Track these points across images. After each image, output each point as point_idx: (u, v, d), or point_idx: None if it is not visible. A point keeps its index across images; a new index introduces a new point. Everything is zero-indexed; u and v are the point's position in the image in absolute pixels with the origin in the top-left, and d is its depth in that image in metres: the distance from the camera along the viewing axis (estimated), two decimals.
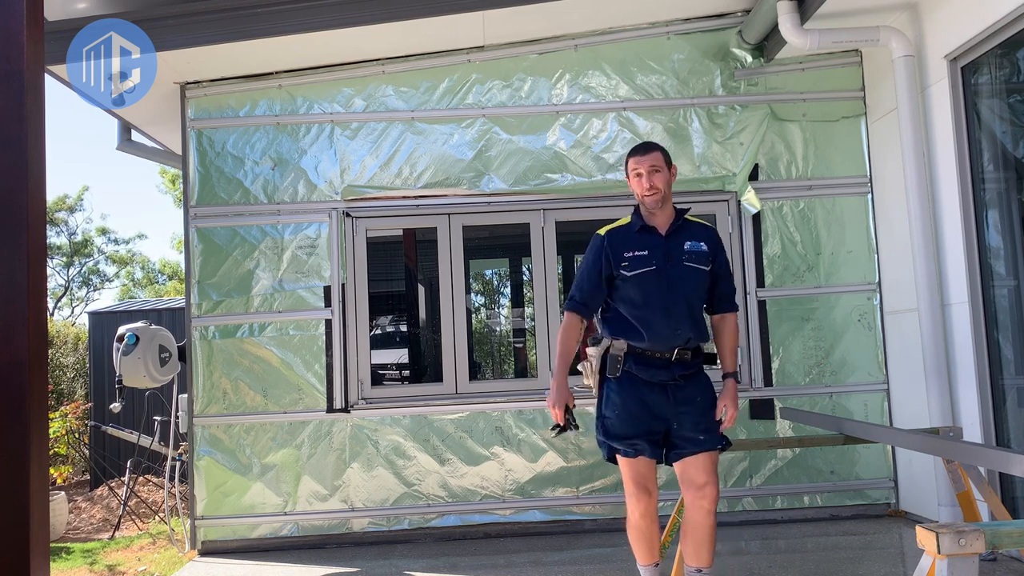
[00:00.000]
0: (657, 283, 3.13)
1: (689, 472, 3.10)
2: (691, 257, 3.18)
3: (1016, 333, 4.03)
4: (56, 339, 11.37)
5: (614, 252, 3.19)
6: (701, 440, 3.10)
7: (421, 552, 4.75)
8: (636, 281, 3.14)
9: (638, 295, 3.15)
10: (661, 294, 3.12)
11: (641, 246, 3.17)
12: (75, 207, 23.23)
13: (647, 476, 3.16)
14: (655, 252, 3.16)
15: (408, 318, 8.12)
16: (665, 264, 3.15)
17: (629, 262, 3.16)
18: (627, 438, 3.11)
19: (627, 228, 3.26)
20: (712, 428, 3.14)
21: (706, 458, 3.09)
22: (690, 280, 3.17)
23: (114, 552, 6.22)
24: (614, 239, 3.22)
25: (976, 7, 3.96)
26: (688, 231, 3.24)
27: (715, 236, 3.29)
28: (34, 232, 1.18)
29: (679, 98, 5.18)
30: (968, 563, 1.73)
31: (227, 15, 4.61)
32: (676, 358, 3.12)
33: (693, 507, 3.10)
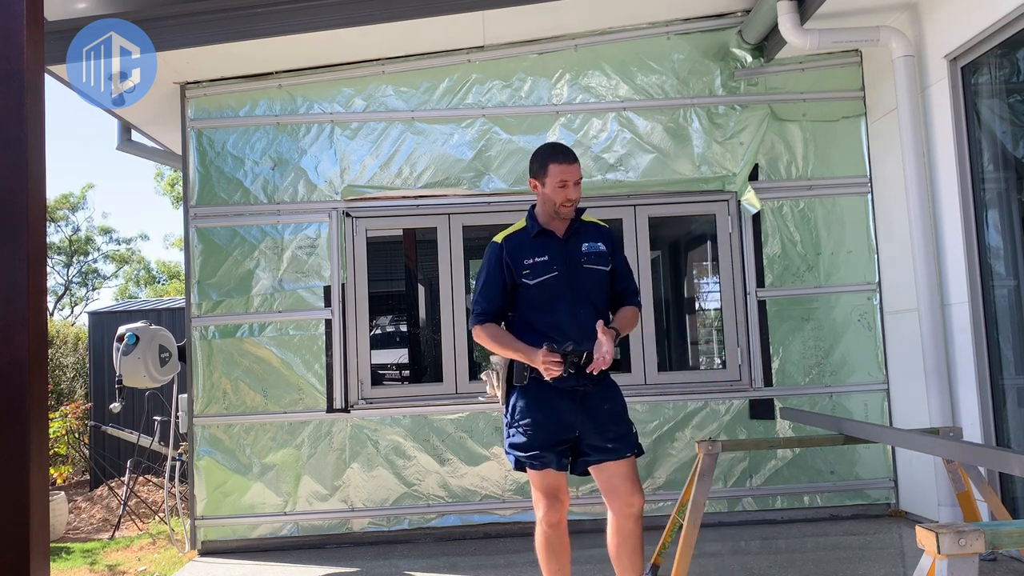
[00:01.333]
0: (560, 288, 3.06)
1: (612, 481, 3.01)
2: (590, 259, 3.12)
3: (1016, 333, 4.03)
4: (56, 339, 11.37)
5: (513, 260, 3.09)
6: (609, 448, 3.01)
7: (421, 552, 4.75)
8: (539, 288, 3.06)
9: (543, 303, 3.07)
10: (566, 299, 3.05)
11: (540, 251, 3.09)
12: (78, 205, 23.24)
13: (557, 486, 3.05)
14: (555, 257, 3.08)
15: (408, 318, 8.12)
16: (566, 268, 3.08)
17: (531, 269, 3.07)
18: (533, 450, 3.01)
19: (524, 233, 3.16)
20: (622, 436, 3.04)
21: (625, 465, 3.01)
22: (591, 281, 3.11)
23: (114, 552, 6.22)
24: (512, 246, 3.12)
25: (976, 7, 3.96)
26: (585, 232, 3.18)
27: (611, 236, 3.24)
28: (34, 232, 1.18)
29: (679, 98, 5.18)
30: (968, 563, 1.73)
31: (227, 15, 4.61)
32: (584, 362, 3.01)
33: (622, 515, 2.99)
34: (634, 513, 2.98)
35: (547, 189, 3.09)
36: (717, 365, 7.19)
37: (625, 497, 2.99)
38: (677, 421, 5.03)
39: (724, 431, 5.02)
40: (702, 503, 3.41)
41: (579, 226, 3.19)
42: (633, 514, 2.99)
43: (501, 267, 3.11)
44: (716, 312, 6.17)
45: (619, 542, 3.02)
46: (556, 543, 3.07)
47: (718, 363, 6.92)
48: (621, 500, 2.99)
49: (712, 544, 4.46)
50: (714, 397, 5.05)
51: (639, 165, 5.13)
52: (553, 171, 3.07)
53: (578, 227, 3.18)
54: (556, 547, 3.08)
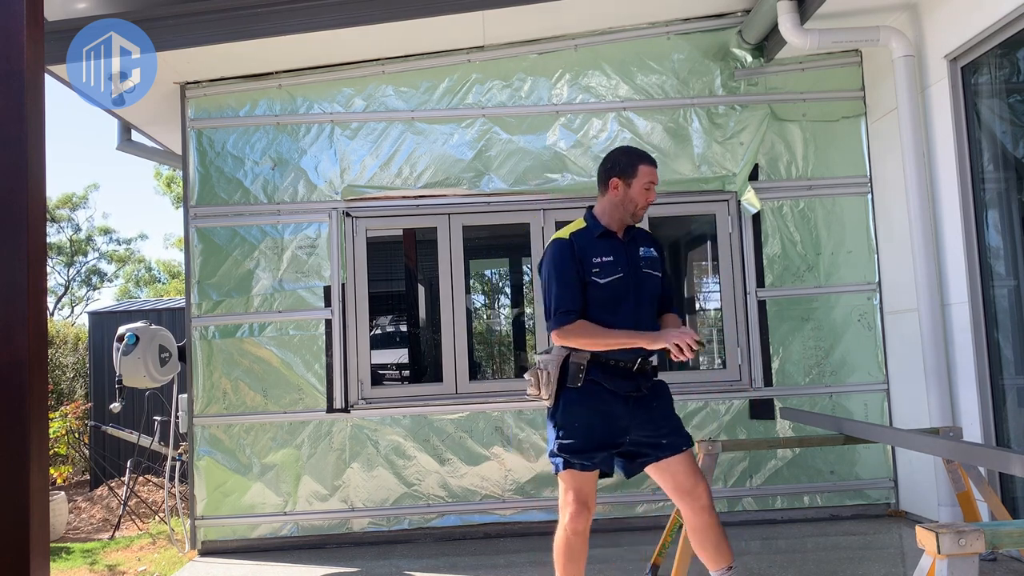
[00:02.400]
0: (625, 290, 3.03)
1: (676, 478, 2.98)
2: (647, 263, 3.11)
3: (1016, 333, 4.03)
4: (56, 339, 11.37)
5: (584, 257, 3.02)
6: (665, 444, 2.99)
7: (421, 552, 4.75)
8: (608, 289, 3.01)
9: (607, 304, 3.01)
10: (629, 301, 3.02)
11: (606, 252, 3.05)
12: (79, 205, 23.25)
13: (590, 492, 3.02)
14: (619, 258, 3.05)
15: (408, 318, 8.12)
16: (629, 271, 3.05)
17: (600, 268, 3.01)
18: (586, 451, 2.96)
19: (588, 232, 3.10)
20: (676, 430, 3.04)
21: (685, 459, 2.99)
22: (649, 287, 3.09)
23: (114, 552, 6.22)
24: (580, 243, 3.05)
25: (976, 7, 3.96)
26: (640, 238, 3.17)
27: (656, 241, 3.24)
28: (34, 232, 1.18)
29: (679, 98, 5.18)
30: (968, 563, 1.73)
31: (227, 15, 4.61)
32: (638, 368, 3.02)
33: (694, 511, 2.97)
34: (705, 506, 2.96)
35: (633, 190, 3.05)
36: (717, 365, 7.19)
37: (692, 491, 2.97)
38: None
39: (724, 431, 5.02)
40: None
41: (635, 232, 3.17)
42: (705, 507, 2.96)
43: (574, 262, 3.02)
44: (716, 312, 6.17)
45: (701, 538, 3.00)
46: (577, 549, 3.05)
47: (718, 363, 6.92)
48: (689, 496, 2.97)
49: None
50: (714, 397, 5.05)
51: None
52: (643, 172, 3.05)
53: (633, 232, 3.16)
54: (576, 553, 3.05)
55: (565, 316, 2.99)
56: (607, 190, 3.10)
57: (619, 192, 3.08)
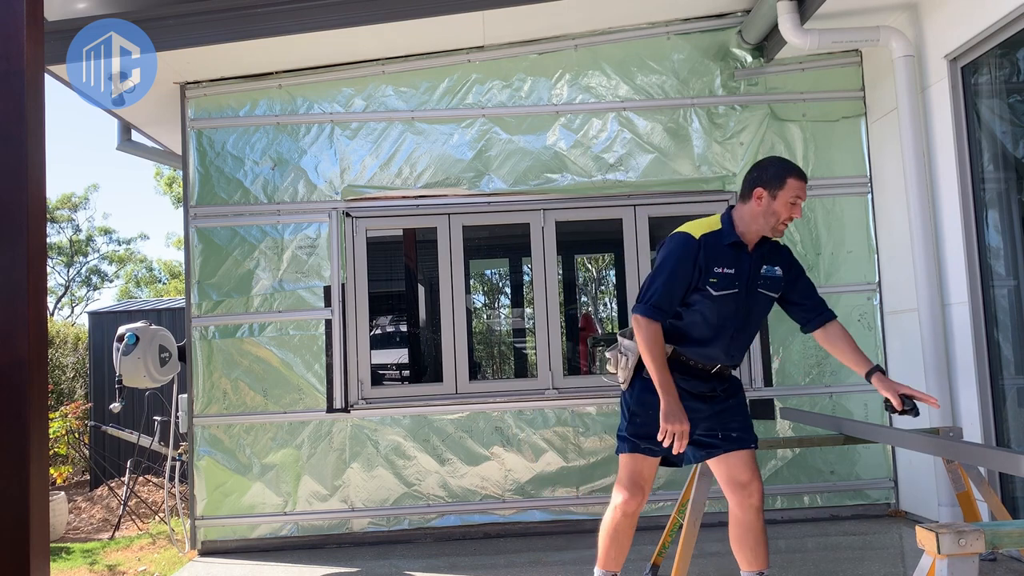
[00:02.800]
0: (735, 307, 2.97)
1: (732, 472, 3.01)
2: (766, 283, 3.02)
3: (1016, 333, 4.03)
4: (56, 339, 11.37)
5: (707, 263, 2.94)
6: (734, 438, 3.02)
7: (421, 552, 4.75)
8: (718, 301, 2.95)
9: (712, 314, 2.97)
10: (735, 319, 2.98)
11: (731, 263, 2.95)
12: (80, 205, 23.25)
13: (649, 477, 3.08)
14: (740, 274, 2.96)
15: (408, 318, 8.12)
16: (745, 289, 2.97)
17: (718, 279, 2.93)
18: (653, 439, 2.99)
19: (719, 237, 2.99)
20: (747, 427, 3.06)
21: (747, 455, 3.01)
22: (760, 308, 3.05)
23: (114, 552, 6.22)
24: (709, 248, 2.96)
25: (976, 7, 3.96)
26: (768, 254, 3.06)
27: (790, 257, 3.12)
28: (34, 232, 1.18)
29: (679, 98, 5.18)
30: (968, 563, 1.73)
31: (227, 15, 4.61)
32: (716, 372, 3.06)
33: (742, 507, 2.99)
34: (755, 504, 2.98)
35: (777, 203, 2.92)
36: None
37: (746, 487, 2.99)
38: None
39: None
40: (702, 503, 3.41)
41: (769, 246, 3.06)
42: (754, 505, 2.98)
43: (693, 266, 2.95)
44: None
45: (741, 534, 3.02)
46: (624, 531, 3.11)
47: None
48: (742, 491, 2.99)
49: (712, 544, 4.46)
50: None
51: (639, 165, 5.13)
52: (791, 185, 2.92)
53: (766, 249, 3.05)
54: (623, 535, 3.12)
55: (651, 310, 2.96)
56: (750, 199, 2.98)
57: (762, 203, 2.95)
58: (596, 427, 5.03)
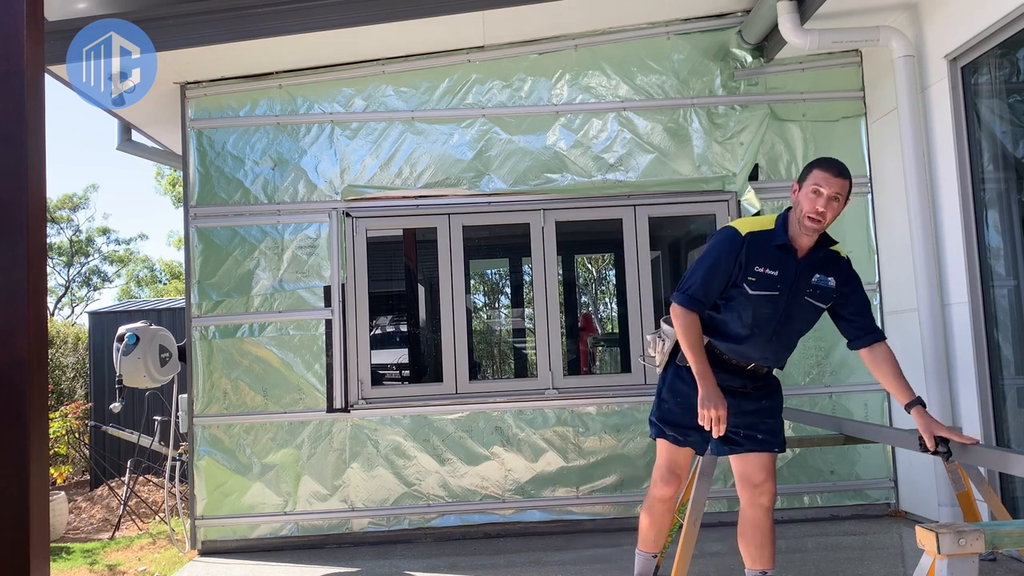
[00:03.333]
0: (773, 310, 2.94)
1: (748, 470, 3.03)
2: (815, 292, 2.96)
3: (1016, 333, 4.03)
4: (56, 339, 11.37)
5: (748, 260, 2.92)
6: (759, 439, 3.03)
7: (421, 552, 4.75)
8: (754, 300, 2.93)
9: (748, 313, 2.96)
10: (771, 322, 2.95)
11: (774, 265, 2.91)
12: (80, 205, 23.25)
13: (683, 465, 3.19)
14: (785, 277, 2.91)
15: (408, 318, 8.12)
16: (789, 294, 2.93)
17: (757, 279, 2.91)
18: (682, 427, 3.09)
19: (768, 237, 2.95)
20: (772, 430, 3.06)
21: (766, 457, 3.03)
22: (804, 315, 2.99)
23: (114, 552, 6.22)
24: (753, 246, 2.93)
25: (976, 7, 3.96)
26: (823, 263, 2.98)
27: (848, 270, 3.03)
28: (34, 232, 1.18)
29: (679, 98, 5.18)
30: (968, 563, 1.73)
31: (227, 15, 4.61)
32: (751, 370, 3.06)
33: (752, 506, 3.03)
34: (764, 504, 3.01)
35: (801, 193, 2.90)
36: None
37: (759, 487, 3.02)
38: None
39: None
40: (702, 503, 3.41)
41: (823, 254, 2.98)
42: (763, 505, 3.01)
43: (734, 260, 2.94)
44: None
45: (747, 531, 3.05)
46: (660, 515, 3.26)
47: None
48: (754, 490, 3.02)
49: (712, 544, 4.46)
50: None
51: (639, 165, 5.13)
52: (813, 177, 2.87)
53: (821, 255, 2.98)
54: (659, 519, 3.27)
55: (687, 300, 2.99)
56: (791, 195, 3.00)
57: (794, 197, 2.95)
58: (596, 427, 5.03)
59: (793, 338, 3.06)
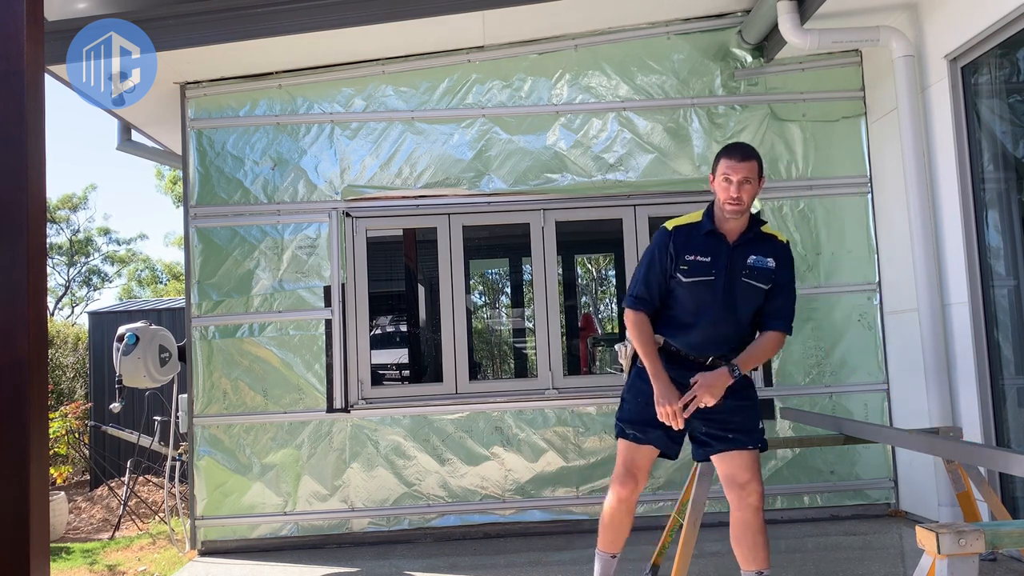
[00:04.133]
0: (711, 295, 3.02)
1: (731, 471, 3.04)
2: (751, 273, 3.03)
3: (1016, 333, 4.03)
4: (56, 339, 11.37)
5: (677, 251, 3.04)
6: (730, 439, 3.04)
7: (421, 552, 4.75)
8: (689, 287, 3.03)
9: (689, 301, 3.04)
10: (712, 306, 3.02)
11: (705, 251, 3.02)
12: (79, 205, 23.25)
13: (641, 466, 3.14)
14: (717, 262, 3.01)
15: (408, 318, 8.12)
16: (724, 276, 3.01)
17: (689, 267, 3.02)
18: (642, 423, 3.10)
19: (695, 228, 3.08)
20: (745, 428, 3.06)
21: (746, 456, 3.03)
22: (746, 297, 3.04)
23: (114, 552, 6.22)
24: (680, 237, 3.06)
25: (976, 7, 3.96)
26: (758, 245, 3.07)
27: (786, 254, 3.10)
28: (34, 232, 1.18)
29: (679, 98, 5.18)
30: (968, 563, 1.73)
31: (227, 15, 4.61)
32: (710, 364, 3.07)
33: (740, 506, 3.02)
34: (752, 504, 3.01)
35: (715, 183, 3.05)
36: None
37: (743, 487, 3.02)
38: None
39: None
40: (702, 503, 3.41)
41: (754, 236, 3.08)
42: (751, 504, 3.01)
43: (665, 255, 3.07)
44: None
45: (739, 533, 3.05)
46: (620, 516, 3.20)
47: None
48: (740, 491, 3.02)
49: (712, 544, 4.46)
50: None
51: (639, 165, 5.13)
52: (722, 166, 3.01)
53: (753, 237, 3.08)
54: (618, 520, 3.21)
55: (632, 301, 3.13)
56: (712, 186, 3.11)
57: (713, 188, 3.08)
58: (596, 427, 5.03)
59: (741, 323, 3.09)
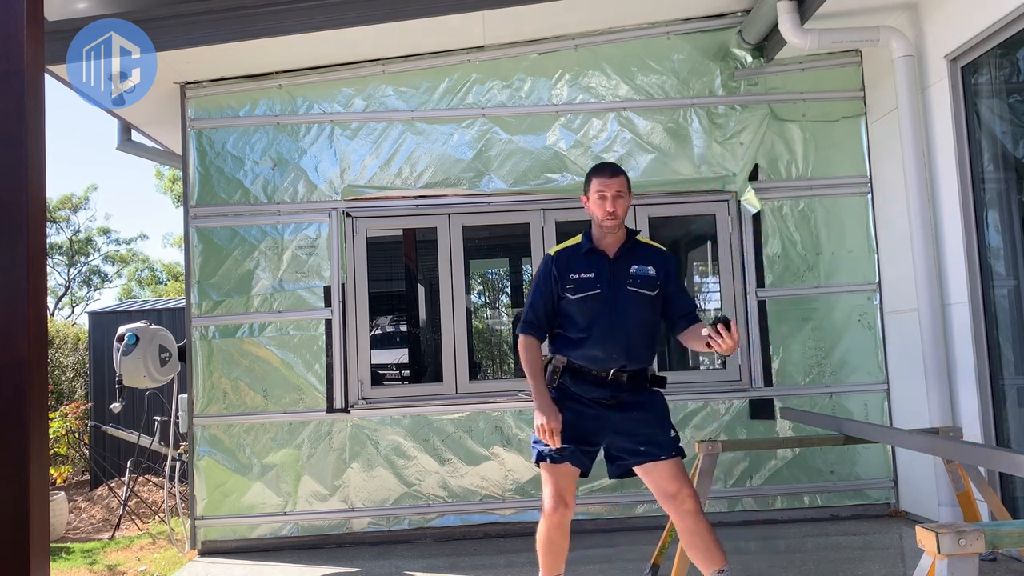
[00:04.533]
0: (600, 307, 3.13)
1: (658, 483, 3.08)
2: (636, 281, 3.17)
3: (1016, 333, 4.03)
4: (56, 339, 11.37)
5: (560, 273, 3.19)
6: (642, 451, 3.09)
7: (421, 552, 4.75)
8: (579, 304, 3.15)
9: (581, 317, 3.15)
10: (603, 318, 3.13)
11: (587, 268, 3.18)
12: (80, 205, 23.25)
13: (569, 489, 3.12)
14: (601, 276, 3.16)
15: (408, 318, 8.12)
16: (609, 288, 3.14)
17: (575, 285, 3.16)
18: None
19: (575, 249, 3.25)
20: (656, 440, 3.10)
21: (666, 466, 3.06)
22: (634, 305, 3.15)
23: (114, 552, 6.22)
24: (562, 260, 3.22)
25: (976, 7, 3.96)
26: (637, 254, 3.22)
27: (667, 261, 3.26)
28: (34, 232, 1.18)
29: (679, 98, 5.18)
30: (968, 563, 1.73)
31: (227, 15, 4.61)
32: (612, 378, 3.13)
33: (679, 516, 3.05)
34: (689, 510, 3.03)
35: (590, 203, 3.20)
36: (717, 365, 7.19)
37: (675, 496, 3.04)
38: (677, 421, 5.00)
39: (724, 431, 5.02)
40: (702, 503, 3.41)
41: (632, 246, 3.23)
42: (689, 511, 3.03)
43: (550, 279, 3.21)
44: (716, 312, 6.17)
45: (689, 541, 3.07)
46: (557, 540, 3.17)
47: (718, 363, 6.92)
48: (673, 500, 3.05)
49: None
50: (714, 397, 5.05)
51: (639, 165, 5.13)
52: (594, 185, 3.17)
53: (631, 247, 3.23)
54: (557, 543, 3.18)
55: (523, 326, 3.24)
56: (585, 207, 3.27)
57: (587, 208, 3.24)
58: None
59: (633, 331, 3.14)
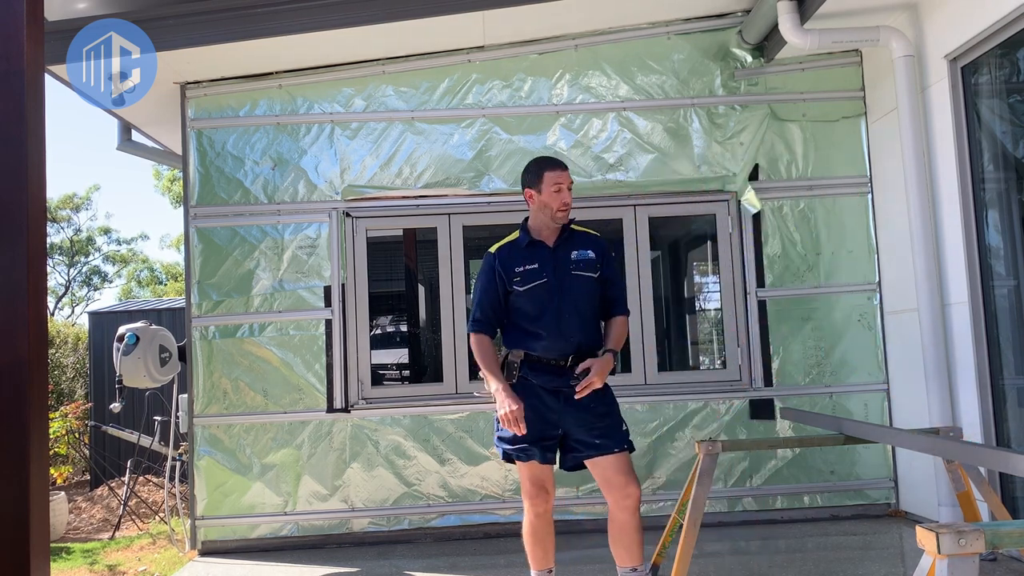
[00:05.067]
0: (549, 294, 3.23)
1: (605, 475, 3.17)
2: (578, 266, 3.28)
3: (1016, 333, 4.03)
4: (56, 339, 11.37)
5: (505, 269, 3.28)
6: (597, 444, 3.17)
7: (421, 552, 4.75)
8: (529, 294, 3.24)
9: (532, 307, 3.25)
10: (553, 304, 3.23)
11: (531, 260, 3.27)
12: (81, 205, 23.25)
13: (544, 478, 3.26)
14: (545, 265, 3.26)
15: (408, 318, 8.12)
16: (555, 275, 3.25)
17: (521, 277, 3.25)
18: (519, 442, 3.20)
19: (516, 244, 3.34)
20: (610, 432, 3.19)
21: (616, 459, 3.16)
22: (579, 288, 3.26)
23: (114, 552, 6.22)
24: (504, 256, 3.31)
25: (976, 7, 3.96)
26: (575, 241, 3.33)
27: (603, 244, 3.37)
28: (34, 232, 1.18)
29: (679, 98, 5.18)
30: (968, 563, 1.73)
31: (227, 15, 4.61)
32: (570, 365, 3.21)
33: (619, 508, 3.15)
34: (629, 506, 3.13)
35: (544, 196, 3.27)
36: (717, 365, 7.19)
37: (620, 490, 3.14)
38: (677, 421, 5.03)
39: (724, 431, 5.02)
40: (702, 503, 3.42)
41: (569, 235, 3.35)
42: (628, 506, 3.14)
43: (494, 276, 3.30)
44: (716, 312, 6.17)
45: (616, 533, 3.20)
46: (542, 531, 3.30)
47: (718, 363, 6.92)
48: (615, 493, 3.15)
49: (712, 544, 4.46)
50: (714, 397, 5.05)
51: (639, 165, 5.13)
52: (548, 177, 3.26)
53: (568, 236, 3.34)
54: (542, 535, 3.30)
55: (472, 324, 3.34)
56: (529, 202, 3.35)
57: (535, 201, 3.31)
58: None
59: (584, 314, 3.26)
